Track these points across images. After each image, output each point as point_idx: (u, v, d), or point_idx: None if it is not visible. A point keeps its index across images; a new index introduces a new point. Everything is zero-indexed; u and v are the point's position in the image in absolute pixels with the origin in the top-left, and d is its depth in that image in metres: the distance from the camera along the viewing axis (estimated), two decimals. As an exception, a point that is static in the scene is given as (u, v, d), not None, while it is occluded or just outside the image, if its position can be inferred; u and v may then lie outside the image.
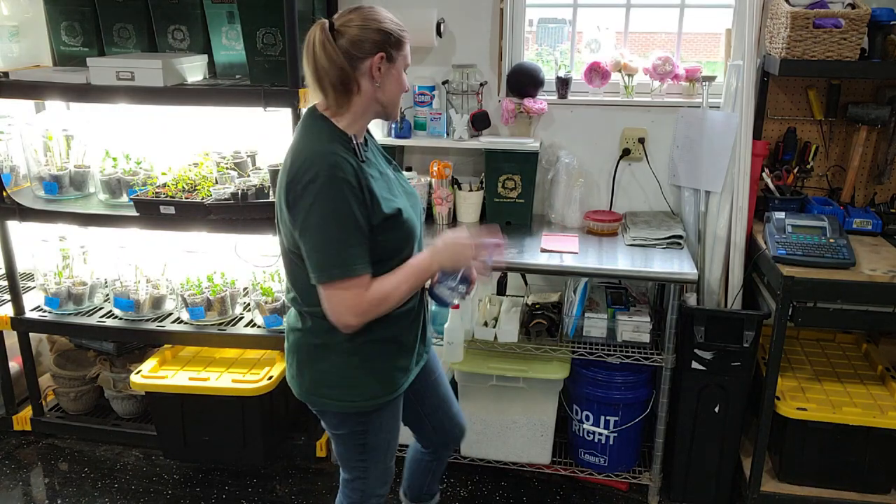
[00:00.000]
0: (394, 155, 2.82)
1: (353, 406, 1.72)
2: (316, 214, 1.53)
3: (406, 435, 2.09)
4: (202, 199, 2.56)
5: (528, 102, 2.72)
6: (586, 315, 2.52)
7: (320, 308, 1.61)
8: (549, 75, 2.82)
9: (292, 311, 1.77)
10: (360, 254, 1.56)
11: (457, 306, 2.34)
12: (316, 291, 1.61)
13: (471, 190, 2.80)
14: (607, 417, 2.58)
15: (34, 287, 3.03)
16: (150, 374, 2.70)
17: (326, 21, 1.58)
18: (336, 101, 1.60)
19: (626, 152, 2.80)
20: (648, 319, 2.50)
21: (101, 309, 2.93)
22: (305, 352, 1.73)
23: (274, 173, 2.56)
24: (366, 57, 1.58)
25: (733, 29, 2.55)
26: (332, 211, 1.52)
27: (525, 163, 2.71)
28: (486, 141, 2.75)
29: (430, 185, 2.78)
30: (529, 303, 2.66)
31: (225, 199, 2.53)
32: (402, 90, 1.68)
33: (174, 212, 2.56)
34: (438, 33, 2.71)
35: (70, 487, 2.73)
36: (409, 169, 2.79)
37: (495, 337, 2.55)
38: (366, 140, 1.72)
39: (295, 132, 1.66)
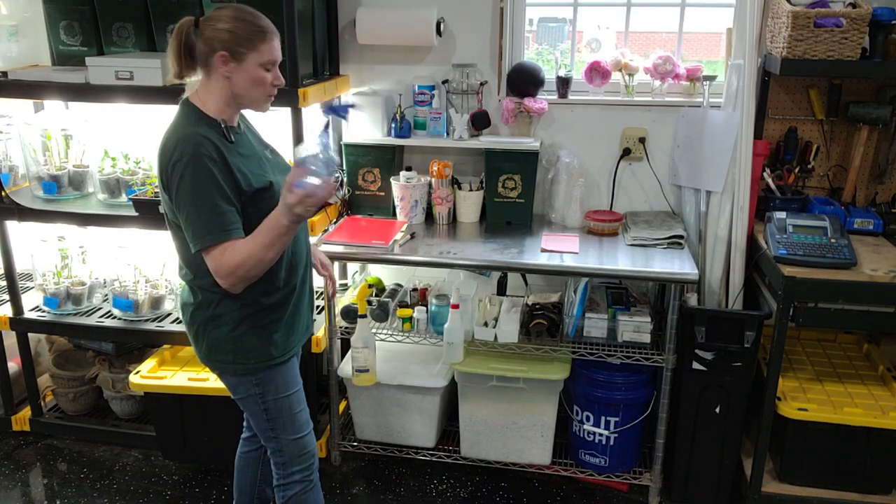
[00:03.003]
0: (393, 154, 2.82)
1: (244, 368, 1.87)
2: (185, 189, 1.68)
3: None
4: (201, 198, 2.55)
5: (528, 102, 2.72)
6: (587, 315, 2.52)
7: (208, 281, 1.77)
8: (549, 75, 2.82)
9: (185, 287, 1.90)
10: (230, 220, 1.71)
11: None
12: (203, 266, 1.75)
13: (471, 190, 2.79)
14: (608, 418, 2.57)
15: (33, 287, 3.03)
16: (149, 375, 2.70)
17: (193, 18, 1.74)
18: (179, 76, 1.77)
19: (626, 152, 2.80)
20: (649, 320, 2.49)
21: (99, 309, 2.92)
22: (200, 323, 1.88)
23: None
24: (211, 53, 1.72)
25: (734, 28, 2.54)
26: (198, 184, 1.68)
27: (525, 162, 2.70)
28: (486, 141, 2.74)
29: (430, 184, 2.78)
30: (529, 303, 2.65)
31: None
32: (256, 87, 1.77)
33: (173, 212, 2.55)
34: (438, 33, 2.71)
35: (69, 488, 2.73)
36: (409, 168, 2.78)
37: (495, 337, 2.55)
38: (239, 125, 1.86)
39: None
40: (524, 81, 2.74)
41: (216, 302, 1.82)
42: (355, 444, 2.81)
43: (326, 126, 1.71)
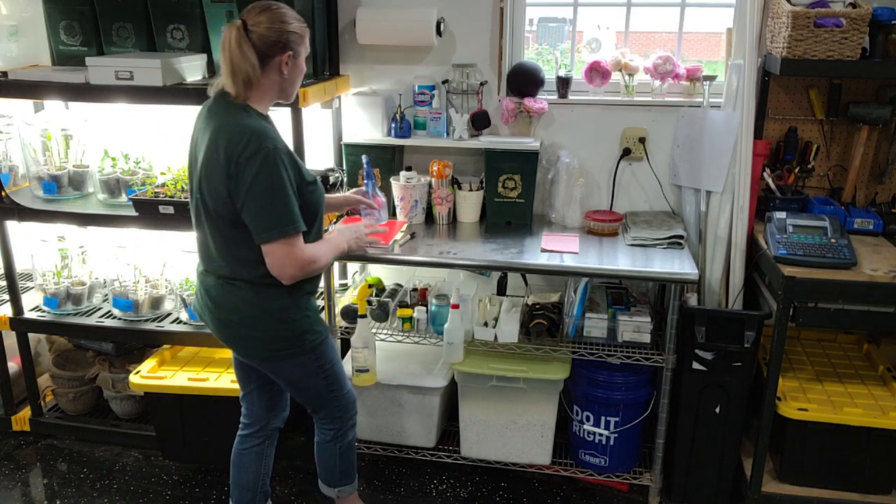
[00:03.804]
0: (393, 154, 2.82)
1: (302, 349, 2.00)
2: (262, 182, 1.76)
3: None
4: (201, 198, 2.56)
5: (528, 102, 2.72)
6: (587, 315, 2.52)
7: (252, 274, 1.88)
8: (549, 75, 2.82)
9: (217, 286, 1.96)
10: (298, 213, 1.84)
11: None
12: (246, 261, 1.87)
13: (471, 190, 2.79)
14: (608, 418, 2.57)
15: (33, 287, 3.03)
16: (149, 375, 2.70)
17: (241, 21, 1.80)
18: (244, 90, 1.83)
19: (626, 152, 2.80)
20: (649, 320, 2.49)
21: (99, 309, 2.92)
22: (251, 320, 1.95)
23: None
24: (275, 55, 1.83)
25: (734, 28, 2.54)
26: (275, 178, 1.78)
27: (525, 162, 2.70)
28: (486, 141, 2.74)
29: (430, 184, 2.78)
30: (529, 303, 2.65)
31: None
32: (300, 79, 1.96)
33: (173, 211, 2.55)
34: (438, 33, 2.71)
35: (69, 488, 2.73)
36: (409, 169, 2.78)
37: (495, 337, 2.55)
38: None
39: (211, 118, 1.86)
40: (524, 81, 2.74)
41: (262, 293, 1.91)
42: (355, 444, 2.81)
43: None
